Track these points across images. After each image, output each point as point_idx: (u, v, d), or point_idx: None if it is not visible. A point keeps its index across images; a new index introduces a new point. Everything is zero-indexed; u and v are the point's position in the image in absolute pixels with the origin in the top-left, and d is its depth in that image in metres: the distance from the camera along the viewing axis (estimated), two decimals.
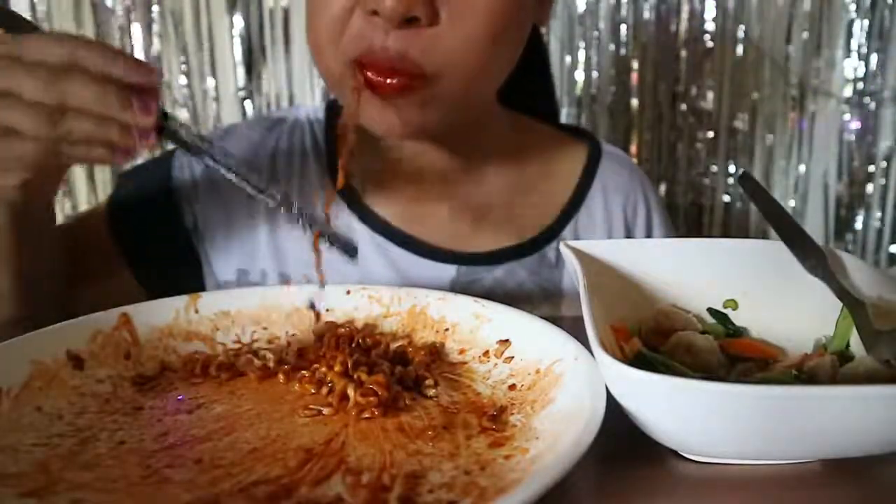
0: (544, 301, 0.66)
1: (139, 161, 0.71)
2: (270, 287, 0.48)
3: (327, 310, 0.46)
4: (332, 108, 0.70)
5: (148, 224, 0.65)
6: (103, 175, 1.08)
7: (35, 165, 0.45)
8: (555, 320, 0.40)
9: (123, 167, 0.75)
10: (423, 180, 0.65)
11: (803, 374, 0.36)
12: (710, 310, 0.43)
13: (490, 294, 0.60)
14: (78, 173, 1.07)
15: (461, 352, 0.43)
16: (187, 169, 0.66)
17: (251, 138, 0.68)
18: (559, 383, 0.35)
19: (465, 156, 0.65)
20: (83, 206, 1.06)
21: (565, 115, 1.11)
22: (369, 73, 0.50)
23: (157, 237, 0.65)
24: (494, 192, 0.67)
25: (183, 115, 1.07)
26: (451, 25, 0.49)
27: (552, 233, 0.68)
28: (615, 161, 0.72)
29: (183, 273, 0.66)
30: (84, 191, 1.08)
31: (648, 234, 0.71)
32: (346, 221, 0.61)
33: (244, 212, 0.65)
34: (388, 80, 0.49)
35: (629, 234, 0.70)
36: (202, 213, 0.65)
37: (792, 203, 1.13)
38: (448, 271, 0.64)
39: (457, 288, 0.64)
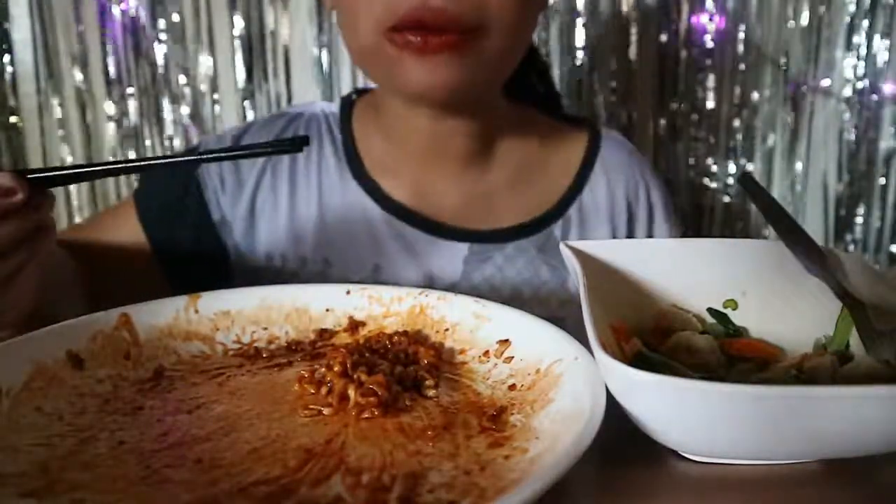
0: (552, 277, 0.69)
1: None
2: (270, 287, 0.48)
3: (327, 310, 0.46)
4: (347, 103, 0.73)
5: (174, 219, 0.67)
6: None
7: None
8: (555, 320, 0.40)
9: None
10: (434, 163, 0.68)
11: (803, 374, 0.36)
12: (710, 310, 0.43)
13: (501, 270, 0.64)
14: None
15: (461, 352, 0.43)
16: (214, 164, 0.67)
17: (273, 131, 0.70)
18: (559, 383, 0.35)
19: (475, 139, 0.67)
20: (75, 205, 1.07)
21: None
22: (411, 37, 0.53)
23: (184, 231, 0.67)
24: (502, 176, 0.70)
25: (184, 113, 1.07)
26: None
27: (558, 211, 0.71)
28: (614, 144, 0.76)
29: (209, 267, 0.68)
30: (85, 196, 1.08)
31: (650, 212, 0.74)
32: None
33: (269, 201, 0.67)
34: (436, 40, 0.52)
35: (631, 212, 0.74)
36: (229, 206, 0.67)
37: (792, 203, 1.13)
38: (461, 249, 0.67)
39: (469, 265, 0.67)
